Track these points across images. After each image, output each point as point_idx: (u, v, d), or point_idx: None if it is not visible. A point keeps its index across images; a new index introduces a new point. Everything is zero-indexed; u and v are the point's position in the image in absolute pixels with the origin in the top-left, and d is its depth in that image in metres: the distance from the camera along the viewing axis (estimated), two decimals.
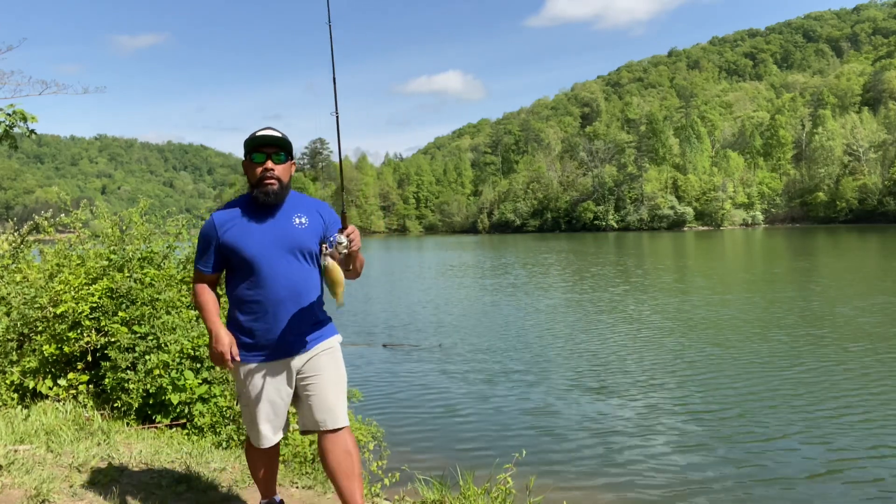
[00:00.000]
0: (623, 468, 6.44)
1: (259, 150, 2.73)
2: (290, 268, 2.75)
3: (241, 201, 2.84)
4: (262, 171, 2.71)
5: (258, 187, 2.72)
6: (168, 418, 4.94)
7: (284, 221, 2.77)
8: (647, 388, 9.32)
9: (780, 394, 8.83)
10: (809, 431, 7.33)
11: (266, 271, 2.72)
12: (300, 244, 2.76)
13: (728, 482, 6.04)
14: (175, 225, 6.61)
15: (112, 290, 5.41)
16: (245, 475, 3.77)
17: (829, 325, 13.83)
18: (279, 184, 2.73)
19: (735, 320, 14.99)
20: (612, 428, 7.68)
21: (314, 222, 2.82)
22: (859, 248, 41.38)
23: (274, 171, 2.71)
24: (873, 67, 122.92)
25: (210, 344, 2.81)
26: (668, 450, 6.90)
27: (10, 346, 5.56)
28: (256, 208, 2.77)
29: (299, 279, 2.76)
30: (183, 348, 5.05)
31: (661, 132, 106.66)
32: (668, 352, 11.79)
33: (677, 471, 6.34)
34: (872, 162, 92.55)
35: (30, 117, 8.06)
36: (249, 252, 2.72)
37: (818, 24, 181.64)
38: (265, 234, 2.74)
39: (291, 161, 2.83)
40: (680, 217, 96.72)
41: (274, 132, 2.76)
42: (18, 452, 3.87)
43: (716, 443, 7.06)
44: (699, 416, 8.00)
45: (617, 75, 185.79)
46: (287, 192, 2.81)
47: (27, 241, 7.49)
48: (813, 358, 10.78)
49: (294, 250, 2.75)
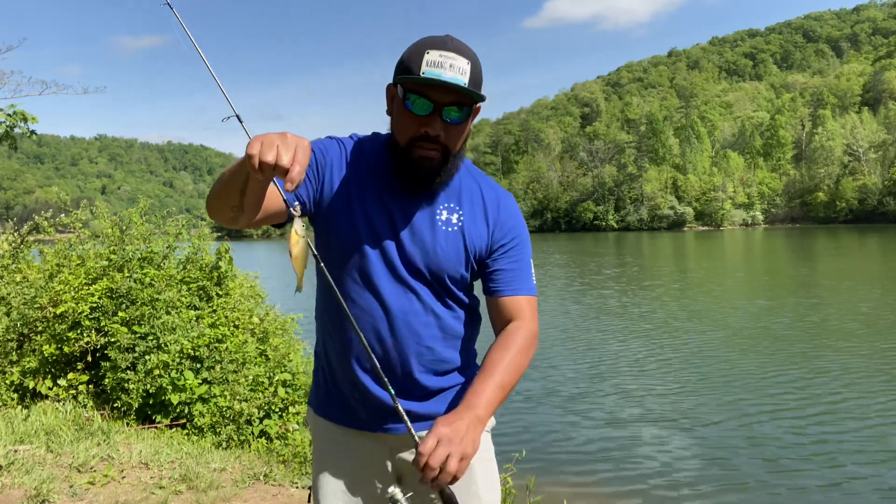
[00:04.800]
0: (623, 468, 6.44)
1: (424, 94, 1.45)
2: (404, 294, 1.58)
3: (378, 147, 1.63)
4: (419, 131, 1.48)
5: (405, 153, 1.51)
6: (168, 418, 4.94)
7: (426, 213, 1.58)
8: (648, 389, 9.32)
9: (782, 396, 8.83)
10: (820, 436, 7.30)
11: (367, 285, 1.58)
12: (437, 262, 1.57)
13: (730, 483, 6.04)
14: (175, 225, 6.61)
15: (112, 290, 5.41)
16: (245, 475, 3.77)
17: (841, 327, 13.83)
18: (442, 157, 1.51)
19: (738, 321, 14.99)
20: (612, 428, 7.68)
21: (473, 228, 1.61)
22: (863, 249, 41.39)
23: (440, 136, 1.48)
24: (873, 67, 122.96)
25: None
26: (670, 450, 6.90)
27: (10, 346, 5.56)
28: (393, 176, 1.57)
29: (415, 313, 1.58)
30: (183, 348, 5.05)
31: (661, 132, 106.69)
32: (670, 352, 11.79)
33: (678, 471, 6.33)
34: (872, 162, 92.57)
35: (30, 117, 8.06)
36: (350, 238, 1.57)
37: (818, 25, 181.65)
38: (390, 223, 1.58)
39: (471, 117, 1.54)
40: (680, 217, 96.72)
41: (459, 60, 1.43)
42: (18, 452, 3.87)
43: (718, 443, 7.06)
44: (701, 417, 8.00)
45: (617, 75, 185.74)
46: (451, 171, 1.56)
47: (27, 241, 7.49)
48: (823, 362, 10.75)
49: (431, 268, 1.58)
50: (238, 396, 4.91)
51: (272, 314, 6.45)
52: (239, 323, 5.80)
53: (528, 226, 1.74)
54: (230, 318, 5.74)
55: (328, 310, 1.64)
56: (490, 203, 1.65)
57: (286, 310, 7.04)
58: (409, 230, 1.58)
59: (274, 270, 15.92)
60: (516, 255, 1.65)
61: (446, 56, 1.43)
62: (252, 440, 4.79)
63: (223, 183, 1.44)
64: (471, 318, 1.70)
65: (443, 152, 1.51)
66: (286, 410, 5.00)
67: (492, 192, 1.67)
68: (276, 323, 6.32)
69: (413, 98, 1.46)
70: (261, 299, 6.66)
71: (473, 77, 1.46)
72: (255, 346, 5.56)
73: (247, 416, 4.86)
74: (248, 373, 5.13)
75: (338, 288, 1.54)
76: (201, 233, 6.56)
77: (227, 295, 6.01)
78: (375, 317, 1.57)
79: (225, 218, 1.49)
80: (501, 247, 1.64)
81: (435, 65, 1.42)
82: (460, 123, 1.51)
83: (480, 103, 1.54)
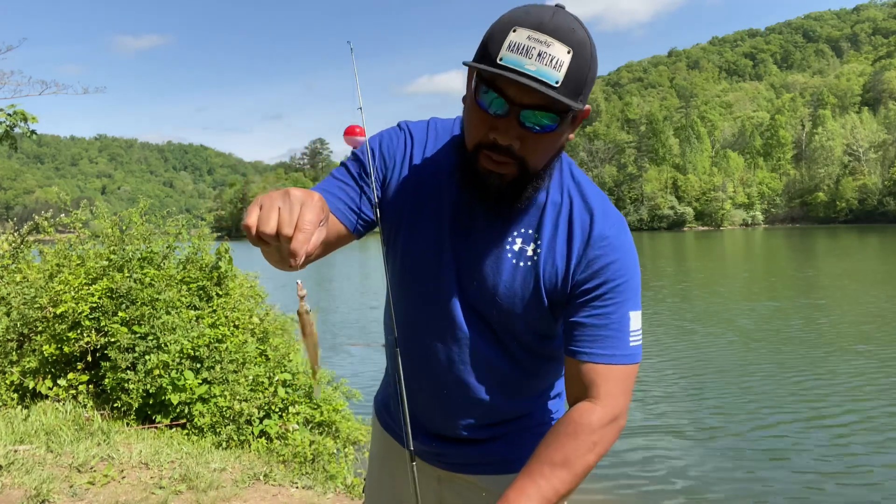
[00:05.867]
0: (624, 468, 6.44)
1: (499, 88, 1.06)
2: (453, 339, 1.27)
3: (450, 144, 1.29)
4: (487, 137, 1.10)
5: (470, 162, 1.15)
6: (168, 418, 4.94)
7: (493, 240, 1.23)
8: (650, 388, 9.32)
9: (785, 397, 8.82)
10: (830, 439, 7.26)
11: (414, 320, 1.31)
12: (498, 304, 1.23)
13: (734, 484, 6.04)
14: (175, 225, 6.60)
15: (112, 290, 5.41)
16: (245, 475, 3.77)
17: (854, 329, 13.81)
18: (519, 174, 1.13)
19: (747, 322, 14.98)
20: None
21: (549, 262, 1.21)
22: (865, 249, 41.37)
23: (513, 146, 1.09)
24: (873, 67, 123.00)
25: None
26: (670, 449, 6.90)
27: (10, 346, 5.56)
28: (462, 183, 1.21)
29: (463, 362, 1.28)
30: (183, 348, 5.05)
31: (661, 132, 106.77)
32: (673, 352, 11.78)
33: (679, 471, 6.33)
34: (872, 162, 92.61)
35: (30, 117, 8.07)
36: (401, 258, 1.29)
37: (818, 25, 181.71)
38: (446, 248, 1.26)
39: (570, 125, 1.13)
40: (680, 217, 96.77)
41: (556, 46, 1.02)
42: (18, 452, 3.87)
43: (719, 443, 7.06)
44: (703, 417, 8.00)
45: (617, 75, 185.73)
46: (530, 193, 1.18)
47: (27, 241, 7.49)
48: (838, 365, 10.67)
49: (491, 309, 1.24)
50: (238, 396, 4.91)
51: (272, 314, 6.45)
52: (239, 323, 5.80)
53: None
54: (230, 318, 5.74)
55: (387, 326, 1.37)
56: (579, 227, 1.19)
57: (286, 310, 7.05)
58: (469, 260, 1.22)
59: (274, 270, 15.91)
60: (604, 307, 1.17)
61: (537, 39, 1.01)
62: (252, 440, 4.79)
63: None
64: (550, 368, 1.34)
65: (519, 169, 1.11)
66: (286, 410, 5.01)
67: (584, 214, 1.20)
68: (276, 323, 6.33)
69: (485, 91, 1.07)
70: (261, 299, 6.66)
71: (573, 73, 1.03)
72: (255, 346, 5.56)
73: (247, 416, 4.86)
74: (248, 373, 5.13)
75: (395, 310, 1.29)
76: (201, 233, 6.56)
77: (227, 295, 6.01)
78: (415, 357, 1.30)
79: (277, 264, 1.10)
80: (584, 292, 1.18)
81: (519, 49, 1.01)
82: (546, 133, 1.08)
83: (585, 108, 1.10)
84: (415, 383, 1.30)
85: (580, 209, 1.21)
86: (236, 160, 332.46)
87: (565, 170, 1.24)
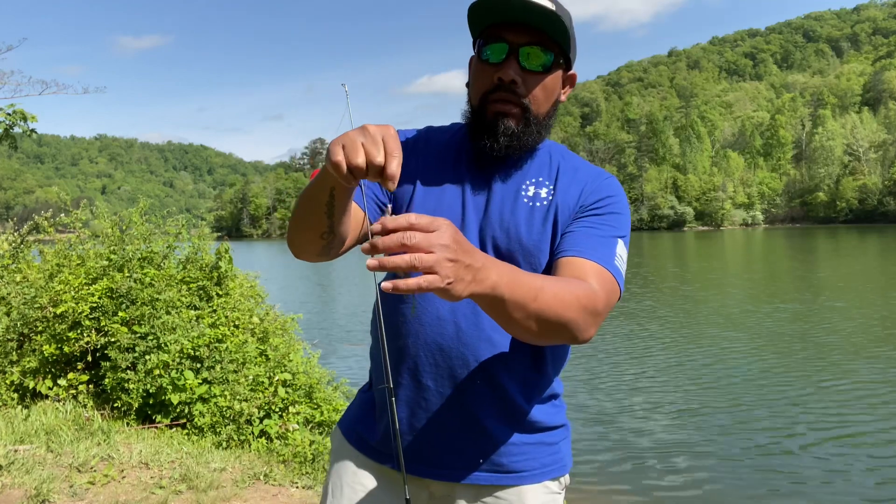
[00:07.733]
0: (624, 468, 6.44)
1: (498, 35, 1.21)
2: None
3: (455, 129, 1.40)
4: (493, 80, 1.22)
5: (480, 113, 1.26)
6: (168, 418, 4.94)
7: (507, 187, 1.31)
8: (650, 389, 9.32)
9: (787, 399, 8.82)
10: (837, 443, 7.27)
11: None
12: (519, 243, 1.26)
13: (736, 486, 6.04)
14: (175, 225, 6.60)
15: (112, 290, 5.41)
16: (245, 475, 3.77)
17: (865, 331, 13.80)
18: (522, 115, 1.24)
19: (754, 323, 14.98)
20: (613, 428, 7.67)
21: (564, 201, 1.29)
22: (866, 250, 41.37)
23: (516, 82, 1.21)
24: (873, 67, 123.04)
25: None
26: (671, 450, 6.89)
27: (10, 346, 5.56)
28: (471, 153, 1.33)
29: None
30: (183, 348, 5.05)
31: (661, 132, 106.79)
32: (675, 353, 11.78)
33: (679, 471, 6.33)
34: (872, 162, 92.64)
35: (30, 117, 8.08)
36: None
37: (818, 24, 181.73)
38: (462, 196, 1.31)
39: (565, 66, 1.29)
40: (680, 217, 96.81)
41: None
42: (18, 452, 3.87)
43: (720, 445, 7.06)
44: (704, 418, 7.99)
45: (617, 75, 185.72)
46: (535, 136, 1.27)
47: (27, 241, 7.49)
48: (849, 368, 10.65)
49: (514, 252, 1.26)
50: (238, 396, 4.91)
51: (272, 314, 6.45)
52: (239, 323, 5.80)
53: None
54: (230, 318, 5.74)
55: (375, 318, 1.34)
56: (583, 171, 1.34)
57: (286, 310, 7.05)
58: (486, 205, 1.29)
59: (274, 270, 15.90)
60: (598, 225, 1.25)
61: None
62: (252, 440, 4.79)
63: (304, 209, 1.18)
64: (555, 349, 1.37)
65: (523, 110, 1.24)
66: (286, 410, 5.00)
67: (592, 169, 1.35)
68: (276, 323, 6.33)
69: (484, 45, 1.23)
70: (261, 299, 6.66)
71: (560, 12, 1.19)
72: (255, 346, 5.56)
73: (247, 415, 4.86)
74: (248, 373, 5.13)
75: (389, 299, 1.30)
76: (201, 233, 6.56)
77: (227, 295, 6.01)
78: (418, 335, 1.28)
79: (316, 249, 1.21)
80: (582, 210, 1.27)
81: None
82: (542, 73, 1.23)
83: (571, 69, 1.30)
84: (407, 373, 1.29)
85: (587, 168, 1.36)
86: (236, 160, 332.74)
87: (565, 150, 1.39)
